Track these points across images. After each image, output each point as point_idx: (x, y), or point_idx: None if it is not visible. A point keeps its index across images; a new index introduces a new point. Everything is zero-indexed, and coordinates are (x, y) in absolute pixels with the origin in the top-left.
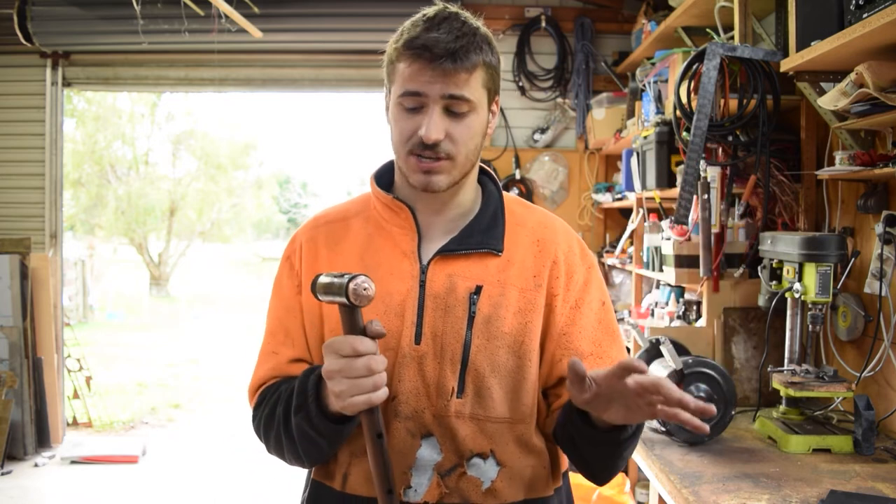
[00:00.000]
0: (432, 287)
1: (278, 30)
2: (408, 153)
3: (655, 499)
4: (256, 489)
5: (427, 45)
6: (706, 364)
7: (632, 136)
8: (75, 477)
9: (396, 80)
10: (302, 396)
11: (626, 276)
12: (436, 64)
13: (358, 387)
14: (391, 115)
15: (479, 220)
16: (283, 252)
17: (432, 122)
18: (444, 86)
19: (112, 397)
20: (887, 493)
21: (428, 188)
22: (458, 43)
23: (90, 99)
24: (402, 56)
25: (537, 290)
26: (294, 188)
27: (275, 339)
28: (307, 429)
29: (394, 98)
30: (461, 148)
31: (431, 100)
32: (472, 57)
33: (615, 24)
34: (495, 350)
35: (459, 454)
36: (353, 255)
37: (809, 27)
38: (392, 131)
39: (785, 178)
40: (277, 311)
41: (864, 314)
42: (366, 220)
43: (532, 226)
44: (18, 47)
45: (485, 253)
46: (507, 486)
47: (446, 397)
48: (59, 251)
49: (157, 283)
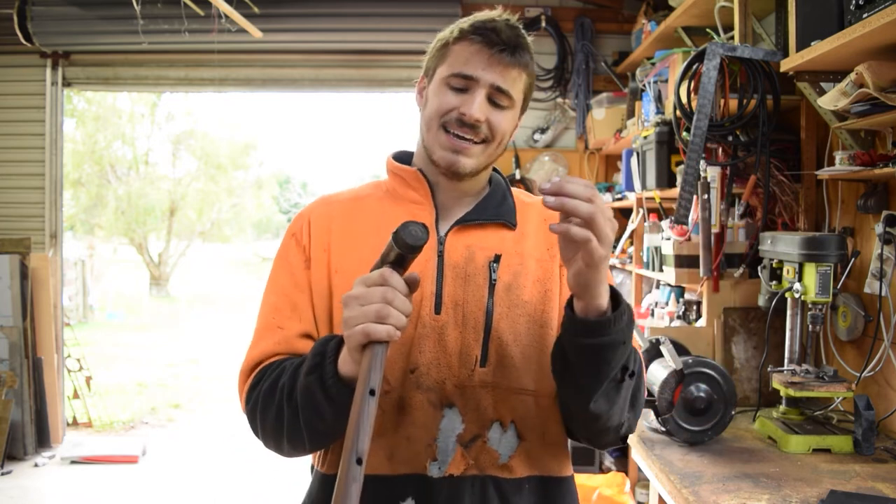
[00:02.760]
0: (451, 257)
1: (278, 30)
2: (440, 126)
3: (655, 499)
4: (256, 489)
5: (496, 29)
6: (706, 364)
7: (632, 136)
8: (75, 477)
9: (447, 60)
10: (319, 357)
11: (626, 276)
12: (495, 50)
13: (364, 313)
14: (431, 91)
15: (491, 198)
16: (287, 229)
17: (476, 102)
18: (495, 75)
19: (112, 397)
20: (887, 493)
21: (452, 167)
22: (518, 40)
23: (90, 99)
24: (464, 37)
25: (552, 261)
26: (294, 188)
27: (280, 313)
28: (317, 391)
29: (439, 77)
30: (497, 136)
31: (479, 85)
32: (526, 57)
33: (615, 24)
34: (517, 318)
35: (481, 424)
36: (367, 227)
37: (809, 27)
38: (428, 106)
39: (785, 178)
40: (283, 285)
41: (864, 314)
42: (379, 198)
43: (538, 207)
44: (18, 47)
45: (500, 225)
46: (525, 460)
47: (469, 366)
48: (59, 251)
49: (157, 283)
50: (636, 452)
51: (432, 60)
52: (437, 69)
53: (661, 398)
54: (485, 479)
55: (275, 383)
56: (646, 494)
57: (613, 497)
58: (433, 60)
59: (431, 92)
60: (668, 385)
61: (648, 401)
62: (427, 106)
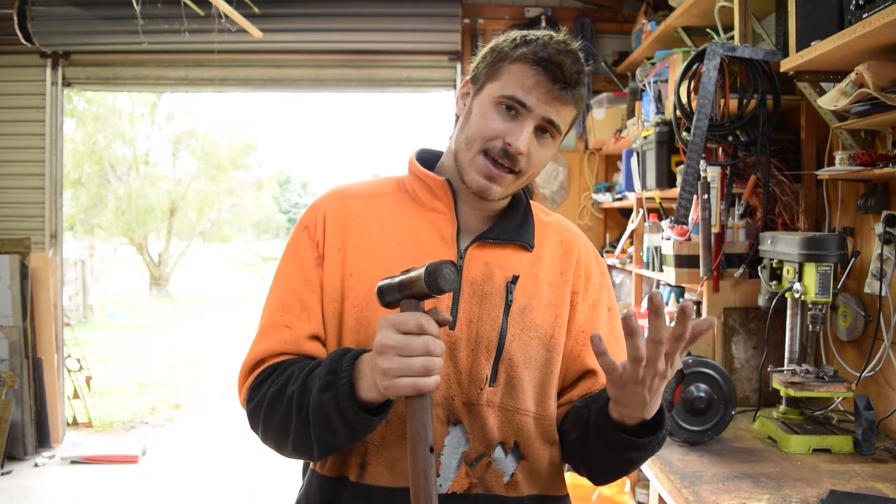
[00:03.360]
0: (469, 273)
1: (278, 30)
2: (480, 151)
3: (655, 499)
4: (256, 489)
5: (560, 64)
6: (706, 364)
7: (632, 136)
8: (75, 477)
9: (503, 78)
10: (332, 375)
11: (626, 276)
12: (557, 86)
13: (410, 367)
14: (479, 108)
15: (511, 217)
16: (299, 221)
17: (524, 135)
18: (550, 109)
19: (112, 397)
20: (887, 493)
21: (483, 194)
22: (579, 76)
23: (90, 99)
24: (524, 60)
25: (564, 286)
26: (294, 188)
27: (288, 312)
28: (331, 411)
29: (491, 94)
30: (532, 169)
31: (532, 116)
32: (581, 93)
33: (615, 24)
34: (528, 341)
35: (487, 443)
36: (385, 232)
37: (809, 27)
38: (472, 123)
39: (785, 178)
40: (292, 281)
41: (864, 314)
42: (399, 200)
43: (555, 227)
44: (18, 47)
45: (518, 246)
46: (526, 479)
47: (479, 385)
48: (59, 251)
49: (157, 283)
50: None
51: (484, 70)
52: (487, 84)
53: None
54: (489, 499)
55: (282, 389)
56: (646, 494)
57: (613, 497)
58: (485, 70)
59: (478, 108)
60: (668, 385)
61: None
62: (470, 121)
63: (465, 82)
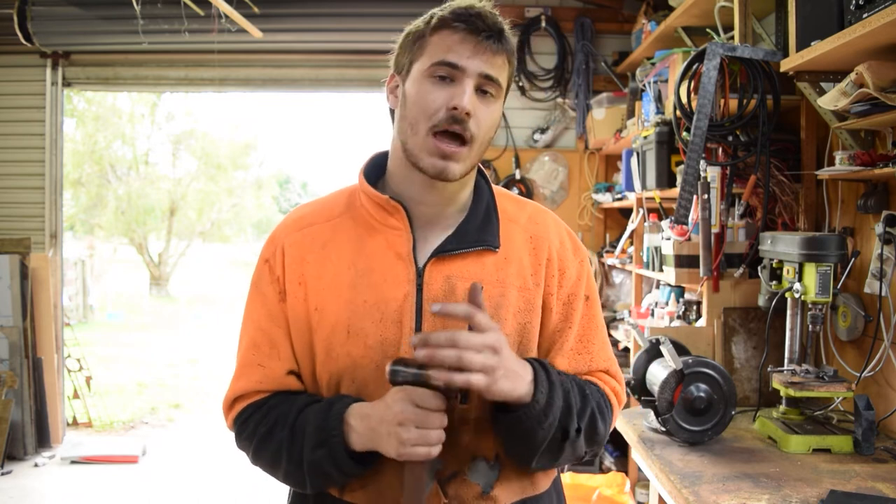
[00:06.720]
0: (430, 291)
1: (278, 30)
2: (430, 130)
3: (655, 499)
4: (256, 489)
5: (479, 15)
6: (706, 364)
7: (632, 136)
8: (75, 477)
9: (427, 52)
10: (324, 433)
11: (626, 276)
12: (482, 37)
13: (425, 438)
14: (412, 88)
15: (473, 217)
16: (260, 253)
17: (466, 94)
18: (482, 63)
19: (112, 397)
20: (887, 493)
21: (443, 175)
22: (503, 26)
23: (90, 99)
24: (443, 25)
25: (536, 290)
26: (294, 188)
27: (259, 351)
28: (327, 466)
29: (419, 70)
30: (482, 133)
31: (467, 74)
32: (510, 44)
33: (615, 24)
34: None
35: (460, 461)
36: (343, 260)
37: (809, 27)
38: (409, 106)
39: (785, 178)
40: (258, 319)
41: (864, 314)
42: (353, 219)
43: (524, 223)
44: (18, 47)
45: (482, 250)
46: (506, 488)
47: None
48: (59, 251)
49: (157, 283)
50: (636, 452)
51: (405, 56)
52: (413, 64)
53: (661, 398)
54: None
55: (270, 432)
56: (646, 494)
57: (613, 497)
58: (407, 56)
59: (411, 88)
60: (668, 385)
61: (648, 401)
62: (407, 105)
63: (391, 76)
